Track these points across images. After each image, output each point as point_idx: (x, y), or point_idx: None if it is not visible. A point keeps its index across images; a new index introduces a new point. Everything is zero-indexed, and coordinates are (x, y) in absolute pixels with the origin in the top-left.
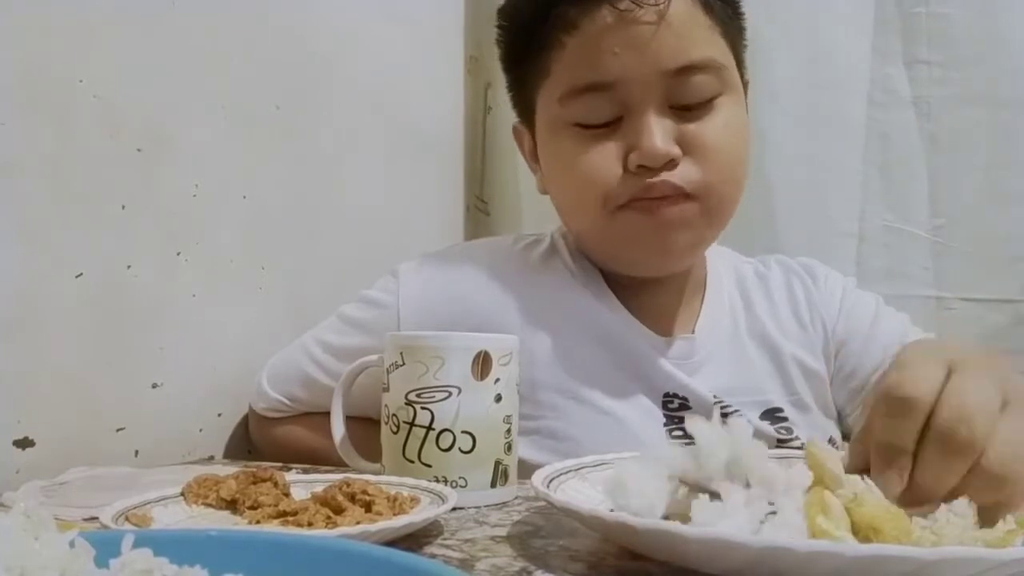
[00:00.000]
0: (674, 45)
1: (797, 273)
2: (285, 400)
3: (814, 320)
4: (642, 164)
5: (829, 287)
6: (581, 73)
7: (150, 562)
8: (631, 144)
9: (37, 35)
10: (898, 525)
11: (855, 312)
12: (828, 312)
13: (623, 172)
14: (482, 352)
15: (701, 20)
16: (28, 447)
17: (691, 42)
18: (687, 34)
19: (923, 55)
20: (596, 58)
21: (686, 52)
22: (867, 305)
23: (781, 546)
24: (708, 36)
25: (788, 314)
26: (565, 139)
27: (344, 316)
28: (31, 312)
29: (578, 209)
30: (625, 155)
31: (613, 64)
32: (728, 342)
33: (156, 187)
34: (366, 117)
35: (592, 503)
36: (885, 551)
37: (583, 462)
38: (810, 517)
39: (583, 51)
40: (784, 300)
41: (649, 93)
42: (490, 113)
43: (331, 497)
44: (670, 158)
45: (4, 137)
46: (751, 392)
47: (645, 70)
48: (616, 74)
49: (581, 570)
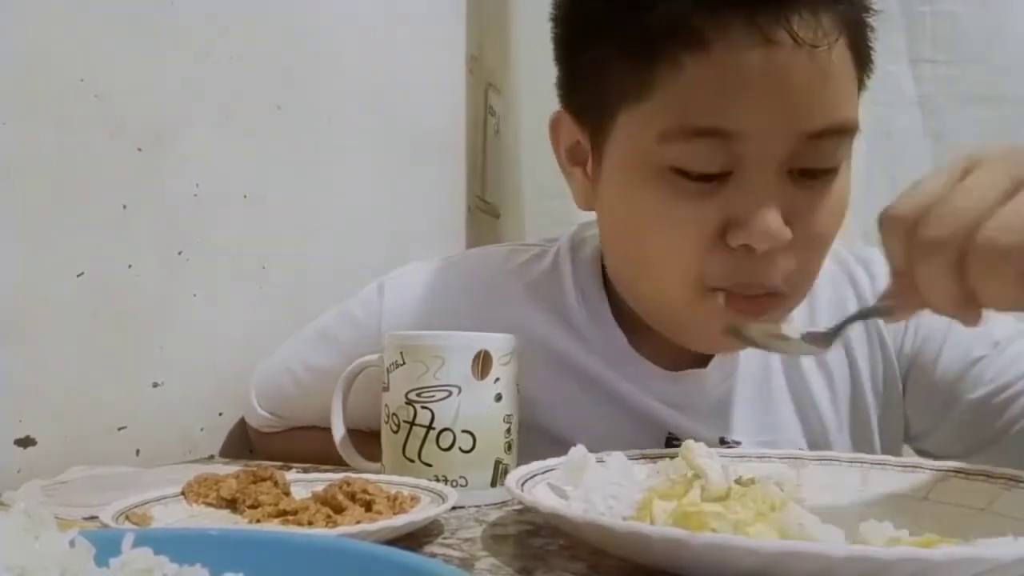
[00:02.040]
0: (824, 102)
1: (852, 276)
2: (272, 418)
3: (870, 336)
4: (747, 244)
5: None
6: (701, 112)
7: (150, 561)
8: (737, 213)
9: (37, 34)
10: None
11: (926, 320)
12: (891, 325)
13: (718, 246)
14: (482, 351)
15: (850, 73)
16: (29, 446)
17: (841, 100)
18: (839, 89)
19: (928, 54)
20: (728, 98)
21: (833, 112)
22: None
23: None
24: (853, 93)
25: (836, 348)
26: (654, 185)
27: (324, 330)
28: (32, 312)
29: (654, 278)
30: (724, 224)
31: (749, 111)
32: (747, 375)
33: (157, 187)
34: (367, 117)
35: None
36: (885, 552)
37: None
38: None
39: (708, 83)
40: (831, 319)
41: (777, 154)
42: (492, 114)
43: (331, 496)
44: (781, 244)
45: (4, 137)
46: (770, 431)
47: (785, 127)
48: (747, 125)
49: (581, 569)
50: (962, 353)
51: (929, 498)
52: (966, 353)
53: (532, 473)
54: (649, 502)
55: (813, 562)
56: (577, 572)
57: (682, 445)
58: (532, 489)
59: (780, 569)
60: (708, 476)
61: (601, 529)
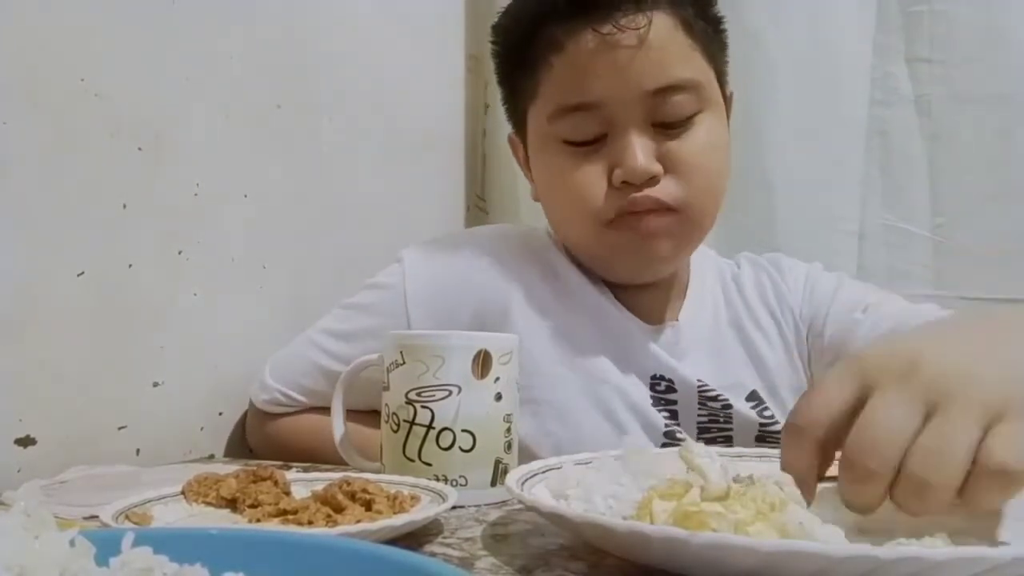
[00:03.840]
0: (654, 67)
1: (764, 268)
2: (292, 392)
3: (783, 309)
4: (625, 180)
5: (794, 275)
6: (567, 93)
7: (150, 560)
8: (615, 161)
9: (38, 34)
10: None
11: (817, 291)
12: (794, 298)
13: (608, 188)
14: (482, 351)
15: (681, 40)
16: (29, 445)
17: (671, 63)
18: (667, 56)
19: (924, 53)
20: (581, 80)
21: (665, 74)
22: (828, 282)
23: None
24: (688, 55)
25: (759, 305)
26: (554, 155)
27: (348, 304)
28: (32, 311)
29: (569, 223)
30: (610, 172)
31: (597, 86)
32: (709, 333)
33: (157, 186)
34: (366, 116)
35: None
36: (885, 552)
37: (562, 460)
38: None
39: (569, 72)
40: (755, 295)
41: (631, 113)
42: (489, 112)
43: (331, 496)
44: (651, 175)
45: (4, 136)
46: (730, 378)
47: (627, 91)
48: (600, 95)
49: (581, 569)
50: (843, 317)
51: None
52: (847, 319)
53: (532, 472)
54: (649, 502)
55: (813, 561)
56: (577, 571)
57: (681, 445)
58: (532, 489)
59: (780, 568)
60: (707, 476)
61: (601, 529)
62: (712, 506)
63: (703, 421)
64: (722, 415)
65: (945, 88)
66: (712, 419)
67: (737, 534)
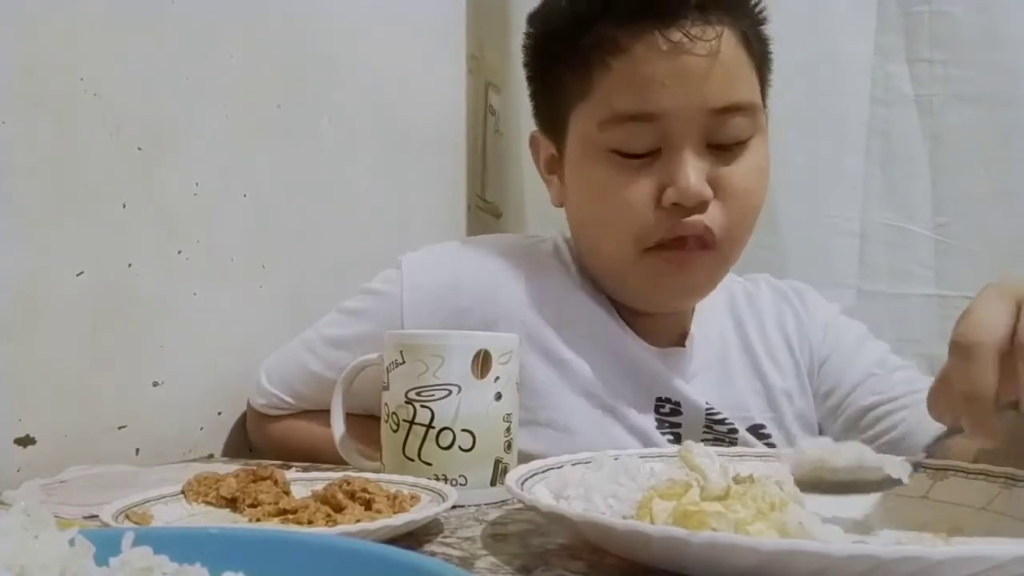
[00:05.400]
0: (722, 84)
1: (787, 298)
2: (285, 396)
3: (802, 345)
4: (677, 202)
5: (818, 312)
6: (626, 100)
7: (150, 560)
8: (667, 180)
9: (37, 33)
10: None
11: (839, 334)
12: (815, 332)
13: (656, 208)
14: (482, 351)
15: (744, 60)
16: (29, 445)
17: (736, 82)
18: (733, 74)
19: (925, 53)
20: (644, 87)
21: (731, 92)
22: (851, 328)
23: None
24: (748, 75)
25: (778, 340)
26: (600, 164)
27: (344, 309)
28: (31, 311)
29: (605, 240)
30: (659, 190)
31: (661, 96)
32: (716, 359)
33: (157, 185)
34: (367, 116)
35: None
36: (885, 552)
37: (561, 460)
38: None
39: (630, 78)
40: (774, 326)
41: (690, 129)
42: (493, 114)
43: (331, 495)
44: (704, 200)
45: (4, 136)
46: (735, 408)
47: (691, 106)
48: (662, 106)
49: (581, 568)
50: (861, 369)
51: (928, 497)
52: (866, 369)
53: (532, 472)
54: (649, 501)
55: (813, 561)
56: (577, 571)
57: (681, 446)
58: (532, 488)
59: (780, 568)
60: (707, 476)
61: (601, 528)
62: (712, 506)
63: (708, 444)
64: (727, 439)
65: (946, 88)
66: (717, 443)
67: (737, 533)
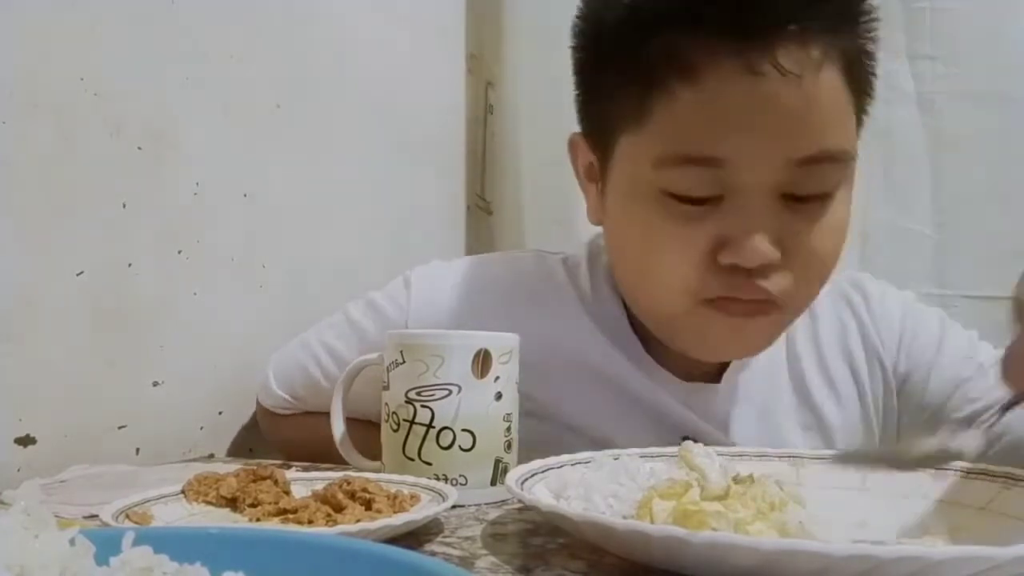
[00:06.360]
0: (812, 131)
1: (847, 297)
2: (288, 398)
3: (871, 361)
4: (735, 264)
5: (886, 310)
6: (690, 141)
7: (150, 560)
8: (727, 235)
9: (37, 33)
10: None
11: (917, 340)
12: (887, 346)
13: (711, 264)
14: (482, 350)
15: (843, 100)
16: (29, 445)
17: (830, 127)
18: (828, 117)
19: (927, 51)
20: (714, 127)
21: (822, 140)
22: (930, 329)
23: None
24: (847, 117)
25: (835, 355)
26: (650, 207)
27: (349, 317)
28: (31, 310)
29: (652, 291)
30: (716, 244)
31: (736, 140)
32: (759, 392)
33: (156, 185)
34: (366, 115)
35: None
36: (885, 551)
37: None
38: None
39: (699, 113)
40: (834, 343)
41: (765, 180)
42: (492, 113)
43: (331, 495)
44: (768, 263)
45: (3, 135)
46: (778, 446)
47: (769, 157)
48: (735, 152)
49: (581, 568)
50: (951, 375)
51: (929, 497)
52: (954, 375)
53: (532, 472)
54: (648, 501)
55: (813, 561)
56: (577, 571)
57: (681, 445)
58: (532, 488)
59: (780, 567)
60: (707, 476)
61: (601, 528)
62: (712, 505)
63: None
64: None
65: (947, 86)
66: None
67: (738, 533)
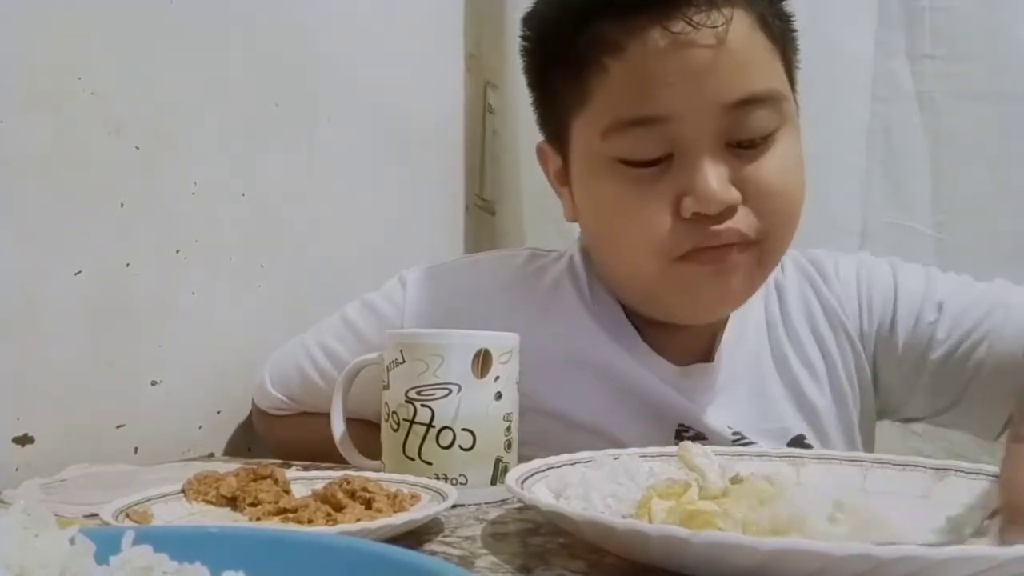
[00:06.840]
0: (734, 75)
1: (806, 274)
2: (285, 399)
3: (835, 329)
4: (698, 211)
5: (844, 281)
6: (628, 105)
7: (150, 559)
8: (683, 187)
9: (36, 32)
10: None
11: (876, 297)
12: (850, 313)
13: (676, 219)
14: (482, 350)
15: (761, 43)
16: (28, 444)
17: (752, 71)
18: (748, 61)
19: (927, 50)
20: (646, 88)
21: (747, 83)
22: (884, 279)
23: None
24: (769, 61)
25: (804, 329)
26: (607, 177)
27: (346, 319)
28: (31, 310)
29: (624, 260)
30: (676, 200)
31: (665, 96)
32: (748, 370)
33: (155, 185)
34: (366, 115)
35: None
36: (884, 551)
37: (561, 460)
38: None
39: (631, 79)
40: (801, 315)
41: (704, 130)
42: (491, 112)
43: (331, 494)
44: (729, 204)
45: (3, 135)
46: (773, 420)
47: (701, 104)
48: (668, 108)
49: (581, 568)
50: (914, 324)
51: (929, 496)
52: (919, 322)
53: (532, 471)
54: (647, 501)
55: (813, 560)
56: (577, 570)
57: (680, 445)
58: (532, 487)
59: (780, 567)
60: (706, 476)
61: (601, 527)
62: (710, 505)
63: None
64: None
65: (947, 85)
66: None
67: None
